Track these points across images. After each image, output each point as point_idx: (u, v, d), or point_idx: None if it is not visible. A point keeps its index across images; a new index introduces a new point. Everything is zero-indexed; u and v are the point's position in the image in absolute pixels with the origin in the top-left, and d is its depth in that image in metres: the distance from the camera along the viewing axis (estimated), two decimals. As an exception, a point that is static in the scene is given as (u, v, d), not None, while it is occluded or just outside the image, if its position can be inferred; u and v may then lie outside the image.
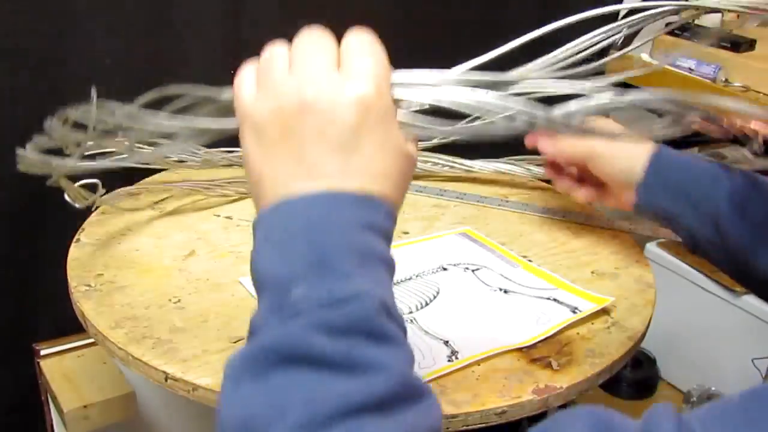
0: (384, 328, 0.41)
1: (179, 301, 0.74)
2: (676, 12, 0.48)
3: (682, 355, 1.40)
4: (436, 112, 0.44)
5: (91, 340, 0.85)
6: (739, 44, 1.17)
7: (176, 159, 0.92)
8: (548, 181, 0.91)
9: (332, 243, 0.42)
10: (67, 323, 0.78)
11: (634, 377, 1.40)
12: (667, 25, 1.18)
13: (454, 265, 0.82)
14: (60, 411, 0.91)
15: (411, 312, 0.73)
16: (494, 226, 0.92)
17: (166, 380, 0.64)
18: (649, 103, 0.43)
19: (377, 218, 0.44)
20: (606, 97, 0.42)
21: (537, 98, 0.42)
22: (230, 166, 0.96)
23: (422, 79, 0.44)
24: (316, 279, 0.41)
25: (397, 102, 0.45)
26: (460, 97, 0.42)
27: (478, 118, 0.49)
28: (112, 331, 0.69)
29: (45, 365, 0.96)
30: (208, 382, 0.62)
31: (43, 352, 0.98)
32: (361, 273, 0.42)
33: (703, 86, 1.13)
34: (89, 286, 0.75)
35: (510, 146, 1.03)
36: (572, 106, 0.42)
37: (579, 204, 0.99)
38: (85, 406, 0.90)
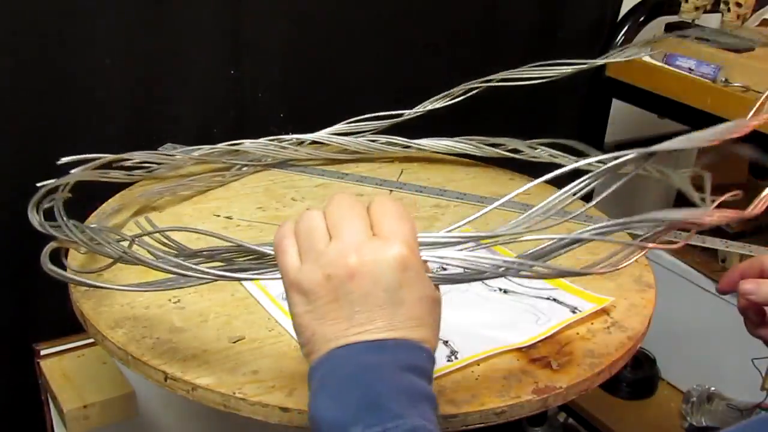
0: None
1: (179, 301, 0.74)
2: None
3: (682, 355, 1.40)
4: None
5: (91, 340, 0.85)
6: (739, 44, 1.17)
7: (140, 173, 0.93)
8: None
9: (382, 386, 0.47)
10: (67, 323, 0.78)
11: (634, 377, 1.40)
12: (666, 24, 1.19)
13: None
14: (60, 411, 0.91)
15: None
16: (494, 226, 0.92)
17: (165, 380, 0.64)
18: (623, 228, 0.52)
19: (419, 361, 0.49)
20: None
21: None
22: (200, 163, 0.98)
23: (440, 240, 0.52)
24: (371, 420, 0.45)
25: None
26: (470, 257, 0.53)
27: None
28: (111, 331, 0.69)
29: (45, 365, 0.96)
30: (208, 382, 0.63)
31: (43, 352, 0.98)
32: (411, 412, 0.46)
33: (703, 86, 1.13)
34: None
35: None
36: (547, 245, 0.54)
37: (579, 204, 0.98)
38: (85, 406, 0.90)
